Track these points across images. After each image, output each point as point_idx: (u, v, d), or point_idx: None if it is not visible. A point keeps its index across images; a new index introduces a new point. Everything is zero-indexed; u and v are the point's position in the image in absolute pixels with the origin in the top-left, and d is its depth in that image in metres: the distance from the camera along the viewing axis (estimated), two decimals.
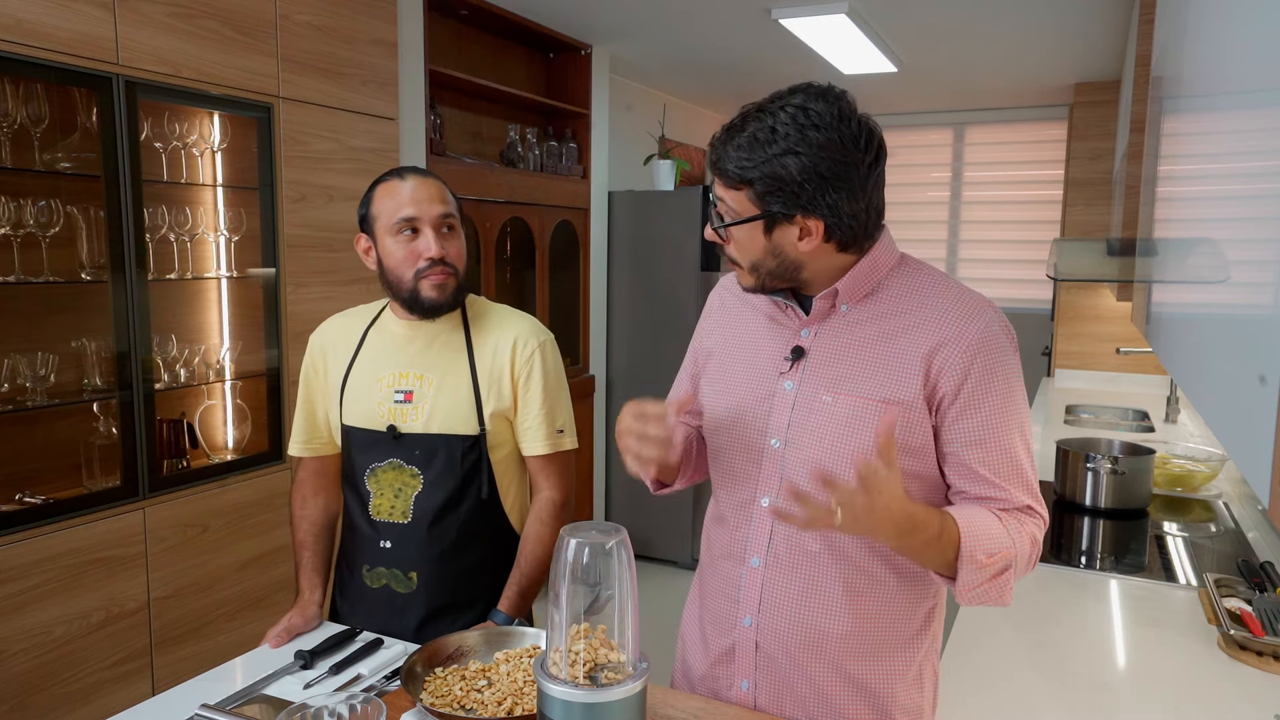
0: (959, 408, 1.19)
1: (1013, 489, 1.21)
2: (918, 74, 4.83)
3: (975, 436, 1.20)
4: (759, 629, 1.28)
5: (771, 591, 1.27)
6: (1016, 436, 1.21)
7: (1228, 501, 2.49)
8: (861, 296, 1.25)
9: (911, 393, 1.19)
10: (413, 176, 1.58)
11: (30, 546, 2.17)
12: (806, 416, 1.24)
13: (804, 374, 1.25)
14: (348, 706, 1.09)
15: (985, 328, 1.20)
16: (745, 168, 1.15)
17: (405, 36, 3.23)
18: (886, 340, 1.22)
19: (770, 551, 1.27)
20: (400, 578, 1.61)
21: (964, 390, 1.19)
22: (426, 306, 1.57)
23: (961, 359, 1.19)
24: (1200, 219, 1.31)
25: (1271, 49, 0.83)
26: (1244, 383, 0.86)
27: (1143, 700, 1.39)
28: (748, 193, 1.17)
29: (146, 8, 2.32)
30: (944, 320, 1.20)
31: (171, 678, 2.47)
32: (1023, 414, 1.23)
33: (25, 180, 2.29)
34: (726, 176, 1.18)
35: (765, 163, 1.14)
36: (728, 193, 1.19)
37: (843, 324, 1.25)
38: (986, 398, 1.19)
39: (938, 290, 1.24)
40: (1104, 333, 4.42)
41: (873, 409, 1.20)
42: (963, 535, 1.15)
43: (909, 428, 1.20)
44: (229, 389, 2.79)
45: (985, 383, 1.19)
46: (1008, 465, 1.20)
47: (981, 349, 1.19)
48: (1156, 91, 2.26)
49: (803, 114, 1.14)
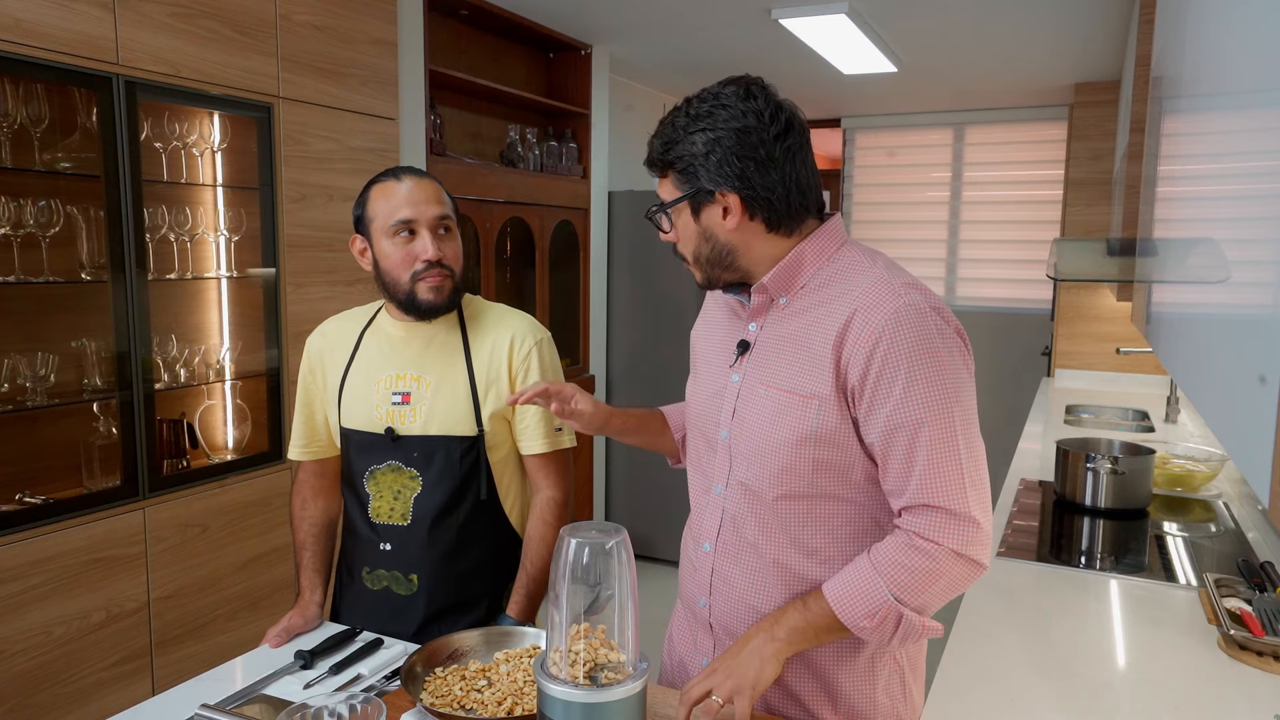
0: (868, 396, 1.15)
1: (921, 488, 1.14)
2: (918, 74, 4.83)
3: (882, 427, 1.15)
4: (711, 610, 1.34)
5: (721, 576, 1.33)
6: (935, 429, 1.13)
7: (1228, 501, 2.49)
8: (796, 288, 1.26)
9: (824, 383, 1.18)
10: (409, 177, 1.57)
11: (30, 546, 2.17)
12: (746, 409, 1.28)
13: (747, 367, 1.29)
14: (348, 706, 1.09)
15: (897, 311, 1.14)
16: (665, 152, 1.23)
17: (405, 36, 3.23)
18: (804, 332, 1.22)
19: (719, 538, 1.32)
20: (400, 580, 1.61)
21: (869, 377, 1.14)
22: (424, 309, 1.56)
23: (865, 344, 1.14)
24: (1200, 219, 1.31)
25: (1271, 49, 0.83)
26: (1244, 383, 0.86)
27: (1142, 700, 1.39)
28: (672, 178, 1.24)
29: (146, 8, 2.32)
30: (853, 306, 1.17)
31: (171, 678, 2.47)
32: (943, 406, 1.13)
33: (25, 180, 2.29)
34: (653, 165, 1.26)
35: (678, 144, 1.22)
36: (660, 185, 1.27)
37: (780, 316, 1.28)
38: (894, 385, 1.13)
39: (854, 277, 1.21)
40: (1104, 333, 4.42)
41: (793, 402, 1.21)
42: (835, 609, 1.17)
43: (820, 419, 1.18)
44: (229, 389, 2.79)
45: (891, 369, 1.13)
46: (923, 465, 1.13)
47: (887, 333, 1.13)
48: (1156, 91, 2.26)
49: (711, 98, 1.22)
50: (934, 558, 1.14)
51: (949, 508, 1.14)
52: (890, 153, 6.25)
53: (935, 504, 1.14)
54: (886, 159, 6.27)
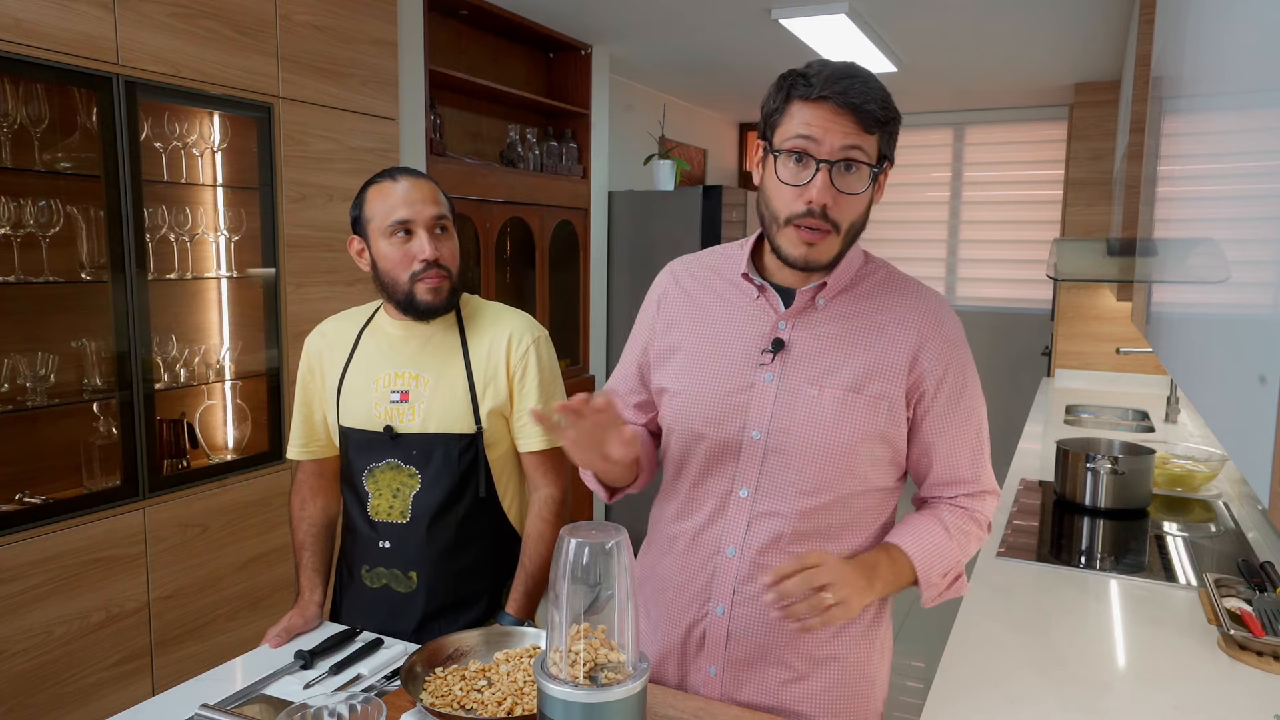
0: (942, 402, 1.28)
1: (980, 477, 1.33)
2: (918, 74, 4.83)
3: (953, 429, 1.29)
4: (732, 618, 1.30)
5: (746, 583, 1.29)
6: (982, 426, 1.33)
7: (1228, 501, 2.49)
8: (838, 291, 1.29)
9: (895, 386, 1.26)
10: (405, 178, 1.57)
11: (30, 546, 2.17)
12: (790, 409, 1.25)
13: (785, 366, 1.27)
14: (348, 706, 1.09)
15: (954, 326, 1.30)
16: (888, 108, 1.18)
17: (405, 36, 3.23)
18: (870, 336, 1.27)
19: (746, 543, 1.29)
20: (400, 577, 1.61)
21: (944, 386, 1.27)
22: (422, 309, 1.56)
23: (941, 357, 1.27)
24: (1200, 219, 1.31)
25: (1271, 49, 0.83)
26: (1244, 383, 0.86)
27: (1143, 700, 1.39)
28: (879, 138, 1.19)
29: (146, 8, 2.32)
30: (924, 318, 1.28)
31: (171, 678, 2.47)
32: (982, 404, 1.34)
33: (25, 180, 2.29)
34: (872, 120, 1.16)
35: (893, 107, 1.19)
36: (866, 138, 1.17)
37: (821, 317, 1.28)
38: (962, 393, 1.29)
39: (909, 288, 1.32)
40: (1104, 333, 4.42)
41: (861, 402, 1.24)
42: (917, 565, 1.26)
43: (889, 419, 1.26)
44: (229, 389, 2.79)
45: (959, 379, 1.29)
46: (977, 455, 1.33)
47: (955, 347, 1.29)
48: (1156, 91, 2.26)
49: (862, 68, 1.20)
50: (982, 526, 1.34)
51: (992, 489, 1.36)
52: None
53: (987, 489, 1.35)
54: None
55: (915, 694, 3.19)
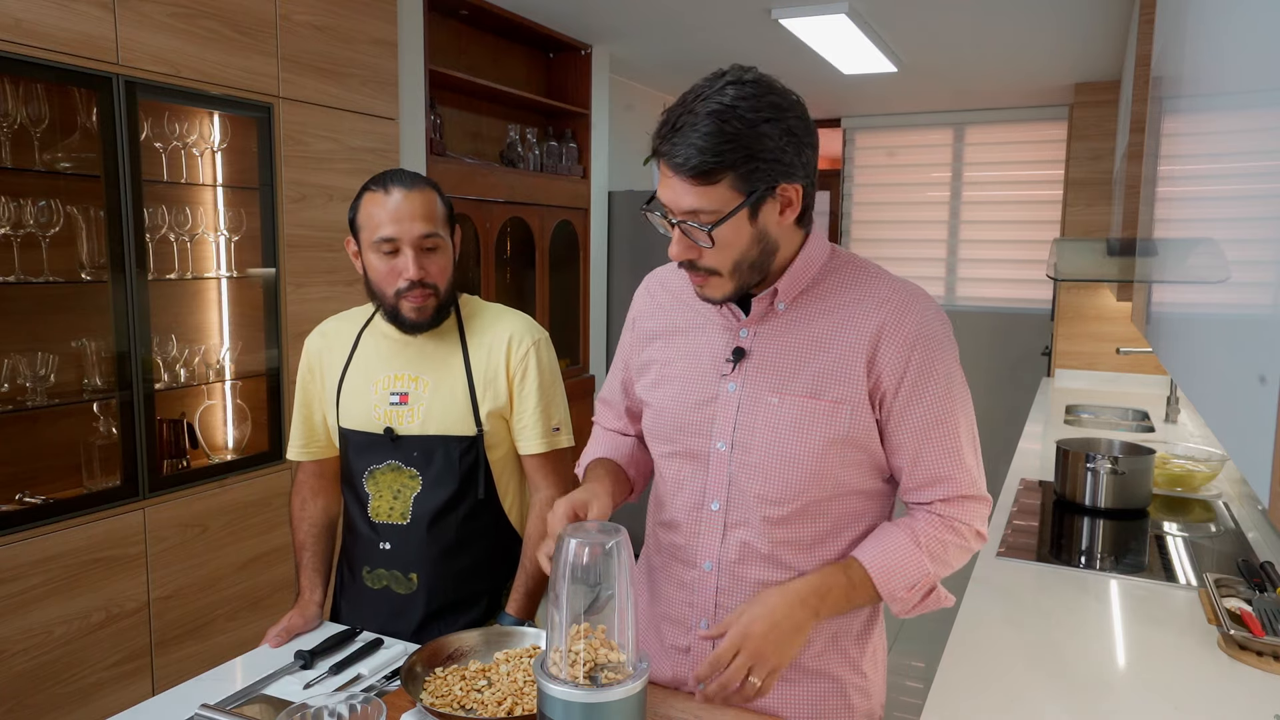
0: (902, 401, 1.21)
1: (959, 480, 1.23)
2: (918, 74, 4.83)
3: (918, 428, 1.21)
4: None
5: (726, 595, 1.28)
6: (959, 425, 1.23)
7: (1228, 501, 2.49)
8: (797, 294, 1.24)
9: (855, 390, 1.20)
10: (397, 189, 1.52)
11: (30, 546, 2.17)
12: (752, 419, 1.24)
13: (746, 375, 1.25)
14: (348, 706, 1.09)
15: (920, 318, 1.21)
16: (723, 153, 1.08)
17: (405, 36, 3.23)
18: (826, 338, 1.22)
19: (722, 555, 1.27)
20: (400, 579, 1.61)
21: (905, 383, 1.20)
22: (407, 325, 1.56)
23: (900, 352, 1.19)
24: (1200, 219, 1.31)
25: (1271, 49, 0.83)
26: (1244, 383, 0.86)
27: (1143, 700, 1.39)
28: (728, 181, 1.10)
29: (146, 8, 2.32)
30: (879, 315, 1.20)
31: (171, 678, 2.47)
32: (963, 401, 1.24)
33: (25, 180, 2.29)
34: (700, 174, 1.09)
35: (741, 140, 1.08)
36: (703, 192, 1.10)
37: (781, 323, 1.25)
38: (927, 389, 1.20)
39: (871, 284, 1.24)
40: (1104, 333, 4.42)
41: (821, 409, 1.21)
42: (875, 579, 1.21)
43: (853, 423, 1.21)
44: (229, 389, 2.79)
45: (925, 374, 1.20)
46: (950, 456, 1.23)
47: (919, 341, 1.20)
48: (1156, 91, 2.26)
49: (750, 85, 1.10)
50: (965, 535, 1.25)
51: (975, 494, 1.25)
52: (890, 153, 6.25)
53: (968, 494, 1.25)
54: (886, 159, 6.27)
55: (915, 694, 3.19)
